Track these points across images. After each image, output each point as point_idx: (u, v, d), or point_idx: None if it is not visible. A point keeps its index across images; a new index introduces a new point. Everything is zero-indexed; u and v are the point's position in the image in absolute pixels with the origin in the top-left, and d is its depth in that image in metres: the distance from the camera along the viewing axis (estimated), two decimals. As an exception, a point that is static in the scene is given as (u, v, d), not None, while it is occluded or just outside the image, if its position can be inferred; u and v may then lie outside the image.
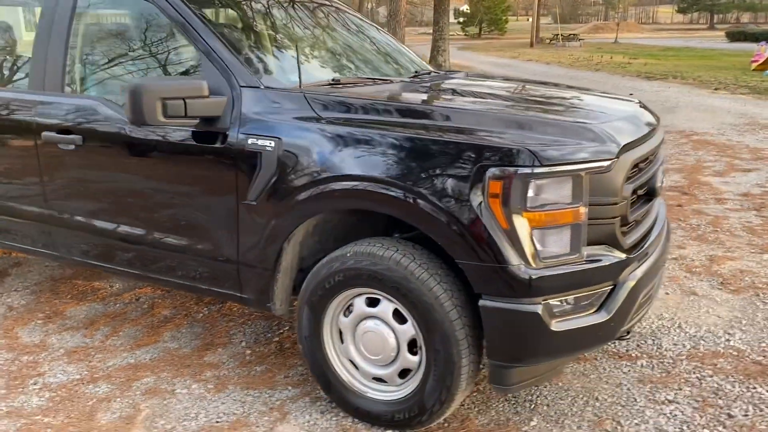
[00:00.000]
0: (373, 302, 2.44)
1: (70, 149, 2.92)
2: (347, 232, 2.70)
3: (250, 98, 2.53)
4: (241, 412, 2.68)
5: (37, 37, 3.06)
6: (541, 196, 2.13)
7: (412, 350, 2.40)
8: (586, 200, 2.17)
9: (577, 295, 2.24)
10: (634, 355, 3.05)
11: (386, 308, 2.40)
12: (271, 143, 2.44)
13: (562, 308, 2.22)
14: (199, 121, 2.50)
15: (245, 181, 2.51)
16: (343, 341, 2.54)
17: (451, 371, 2.28)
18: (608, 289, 2.30)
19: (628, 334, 2.56)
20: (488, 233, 2.12)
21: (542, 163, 2.10)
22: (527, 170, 2.10)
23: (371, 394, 2.52)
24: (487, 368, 2.35)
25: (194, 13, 2.69)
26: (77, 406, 2.76)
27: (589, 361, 2.99)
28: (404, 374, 2.46)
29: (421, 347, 2.35)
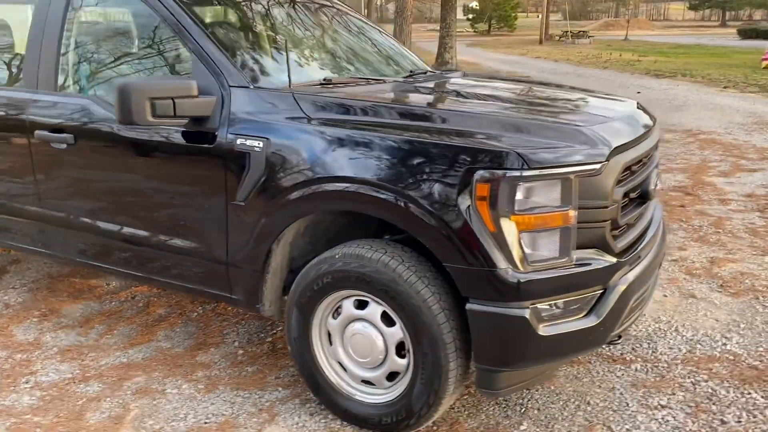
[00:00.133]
0: (361, 304, 2.42)
1: (62, 148, 2.92)
2: (339, 233, 2.68)
3: (239, 98, 2.51)
4: (230, 413, 2.67)
5: (30, 35, 3.06)
6: (529, 199, 2.10)
7: (400, 353, 2.38)
8: (575, 203, 2.14)
9: (566, 299, 2.21)
10: (628, 358, 3.02)
11: (374, 311, 2.38)
12: (259, 144, 2.42)
13: (550, 312, 2.19)
14: (188, 121, 2.49)
15: (234, 181, 2.50)
16: (331, 343, 2.53)
17: (438, 375, 2.26)
18: (598, 293, 2.27)
19: (619, 338, 2.52)
20: (475, 236, 2.09)
21: (530, 166, 2.07)
22: (515, 173, 2.07)
23: (359, 396, 2.51)
24: (474, 372, 2.32)
25: (185, 12, 2.68)
26: (67, 405, 2.76)
27: (582, 364, 2.96)
28: (392, 377, 2.44)
29: (409, 350, 2.33)
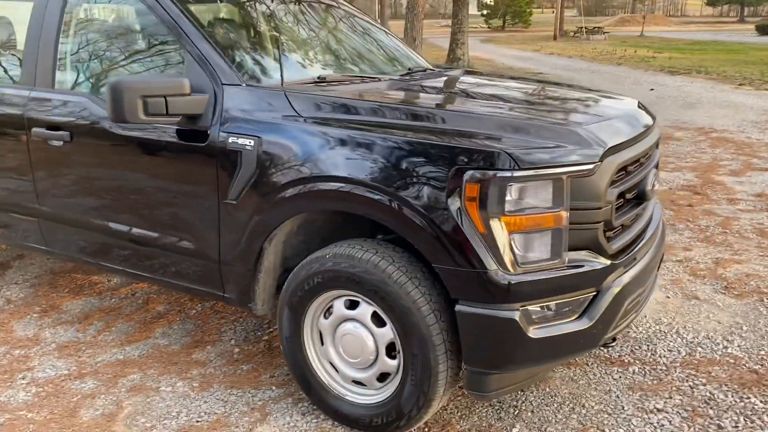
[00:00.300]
0: (352, 305, 2.41)
1: (58, 146, 2.93)
2: (334, 232, 2.67)
3: (231, 96, 2.50)
4: (222, 411, 2.67)
5: (28, 32, 3.07)
6: (519, 200, 2.08)
7: (390, 354, 2.37)
8: (567, 204, 2.11)
9: (557, 301, 2.18)
10: (626, 360, 2.98)
11: (365, 311, 2.36)
12: (250, 142, 2.41)
13: (541, 315, 2.16)
14: (181, 119, 2.48)
15: (226, 179, 2.49)
16: (323, 343, 2.52)
17: (428, 376, 2.24)
18: (591, 295, 2.24)
19: (613, 341, 2.49)
20: (464, 237, 2.07)
21: (521, 166, 2.04)
22: (505, 174, 2.04)
23: (350, 397, 2.49)
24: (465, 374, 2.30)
25: (180, 9, 2.67)
26: (62, 402, 2.77)
27: (579, 366, 2.93)
28: (383, 378, 2.43)
29: (399, 351, 2.32)
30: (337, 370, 2.51)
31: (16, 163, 3.15)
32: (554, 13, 40.60)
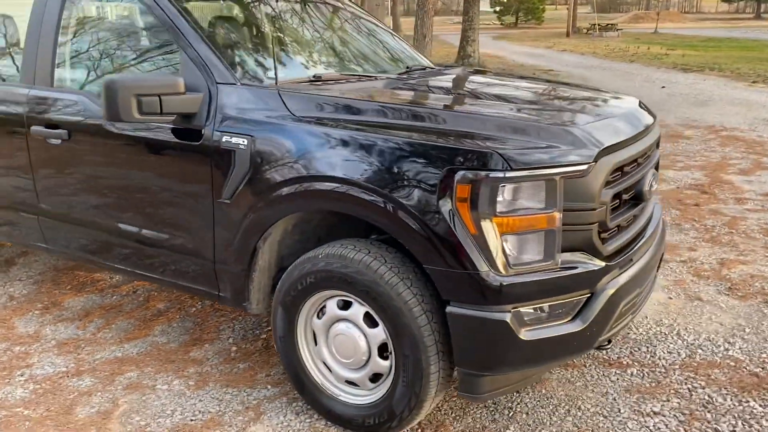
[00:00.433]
0: (345, 305, 2.40)
1: (57, 144, 2.94)
2: (330, 232, 2.66)
3: (225, 95, 2.50)
4: (216, 410, 2.67)
5: (28, 30, 3.08)
6: (511, 201, 2.06)
7: (383, 355, 2.36)
8: (560, 206, 2.09)
9: (550, 303, 2.16)
10: (625, 362, 2.95)
11: (357, 311, 2.36)
12: (244, 141, 2.41)
13: (533, 317, 2.14)
14: (175, 117, 2.48)
15: (220, 179, 2.49)
16: (316, 343, 2.51)
17: (419, 377, 2.22)
18: (585, 297, 2.21)
19: (609, 343, 2.46)
20: (455, 238, 2.05)
21: (512, 166, 2.02)
22: (497, 174, 2.02)
23: (343, 397, 2.48)
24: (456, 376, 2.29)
25: (176, 8, 2.67)
26: (58, 399, 2.78)
27: (576, 368, 2.90)
28: (376, 378, 2.42)
29: (391, 352, 2.30)
30: (330, 370, 2.51)
31: (16, 161, 3.17)
32: (567, 9, 40.30)
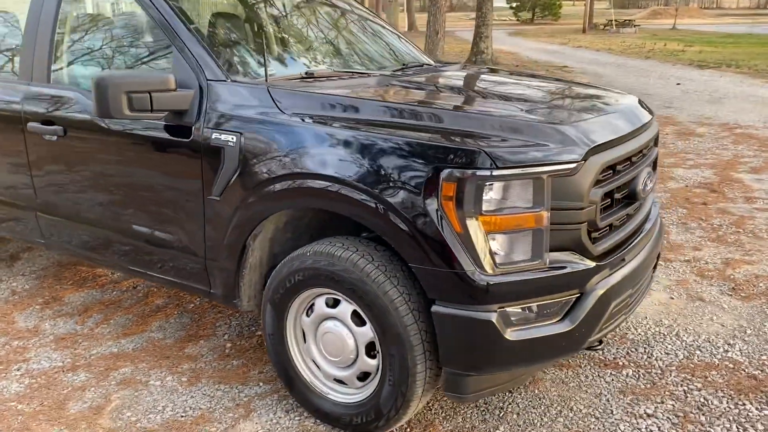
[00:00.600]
0: (335, 303, 2.39)
1: (53, 140, 2.95)
2: (323, 229, 2.65)
3: (216, 92, 2.49)
4: (207, 407, 2.67)
5: (26, 27, 3.10)
6: (498, 199, 2.03)
7: (370, 353, 2.34)
8: (548, 204, 2.06)
9: (538, 303, 2.14)
10: (621, 363, 2.91)
11: (345, 309, 2.35)
12: (233, 138, 2.40)
13: (520, 317, 2.12)
14: (166, 114, 2.48)
15: (210, 176, 2.48)
16: (305, 341, 2.51)
17: (405, 377, 2.21)
18: (574, 297, 2.18)
19: (600, 344, 2.43)
20: (441, 237, 2.03)
21: (499, 165, 2.00)
22: (483, 172, 2.00)
23: (332, 395, 2.48)
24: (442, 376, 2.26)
25: (168, 4, 2.66)
26: (52, 394, 2.80)
27: (571, 368, 2.87)
28: (365, 377, 2.41)
29: (379, 351, 2.29)
30: (319, 368, 2.50)
31: (15, 157, 3.19)
32: (584, 5, 39.94)
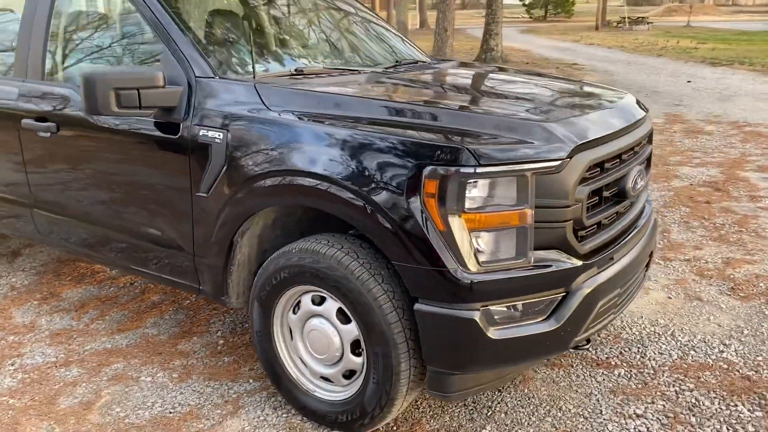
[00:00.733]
0: (321, 300, 2.38)
1: (46, 137, 2.97)
2: (313, 226, 2.64)
3: (204, 89, 2.49)
4: (195, 403, 2.68)
5: (21, 24, 3.11)
6: (481, 197, 2.02)
7: (356, 351, 2.34)
8: (532, 202, 2.04)
9: (523, 301, 2.12)
10: (613, 363, 2.89)
11: (330, 307, 2.34)
12: (219, 135, 2.40)
13: (504, 315, 2.10)
14: (155, 111, 2.49)
15: (198, 172, 2.48)
16: (292, 338, 2.50)
17: (389, 375, 2.20)
18: (559, 296, 2.16)
19: (587, 343, 2.40)
20: (423, 234, 2.02)
21: (481, 162, 1.98)
22: (466, 170, 1.98)
23: (318, 393, 2.47)
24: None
25: (159, 2, 2.66)
26: (44, 389, 2.82)
27: (563, 367, 2.85)
28: (351, 375, 2.40)
29: (364, 349, 2.28)
30: (305, 365, 2.50)
31: (10, 154, 3.21)
32: (597, 2, 39.60)
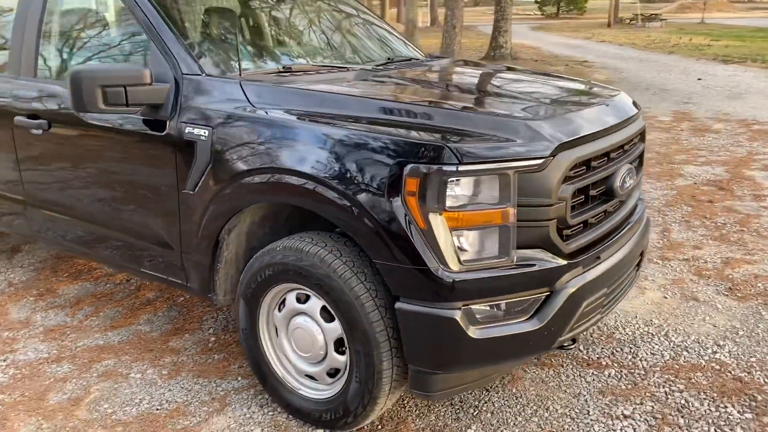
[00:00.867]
0: (306, 298, 2.38)
1: (38, 134, 2.98)
2: (302, 224, 2.63)
3: (190, 86, 2.49)
4: (183, 400, 2.68)
5: (15, 22, 3.13)
6: (462, 195, 2.00)
7: (340, 350, 2.33)
8: (514, 201, 2.02)
9: (506, 301, 2.10)
10: (604, 363, 2.86)
11: (314, 305, 2.34)
12: (205, 132, 2.40)
13: (487, 314, 2.09)
14: (142, 108, 2.49)
15: (184, 169, 2.49)
16: (278, 336, 2.50)
17: (372, 374, 2.19)
18: (543, 295, 2.15)
19: (574, 342, 2.38)
20: (404, 233, 2.00)
21: (463, 160, 1.97)
22: (447, 168, 1.97)
23: (303, 391, 2.47)
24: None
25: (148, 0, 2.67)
26: (34, 385, 2.83)
27: (553, 367, 2.83)
28: (335, 373, 2.39)
29: (347, 347, 2.28)
30: (291, 363, 2.49)
31: (5, 152, 3.23)
32: (610, -1, 39.30)
